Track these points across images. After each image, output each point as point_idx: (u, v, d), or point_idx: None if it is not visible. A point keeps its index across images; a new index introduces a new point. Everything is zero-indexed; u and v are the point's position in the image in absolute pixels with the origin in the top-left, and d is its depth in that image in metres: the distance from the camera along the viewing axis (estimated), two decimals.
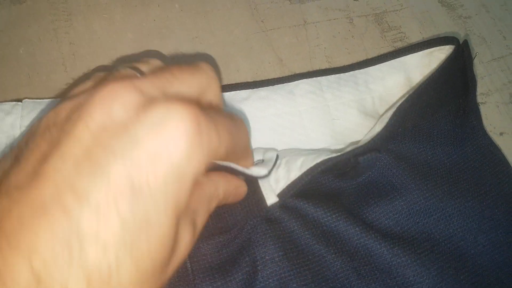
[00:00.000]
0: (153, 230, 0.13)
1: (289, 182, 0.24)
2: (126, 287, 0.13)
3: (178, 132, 0.14)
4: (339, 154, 0.25)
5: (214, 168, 0.19)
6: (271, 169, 0.23)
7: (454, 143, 0.27)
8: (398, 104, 0.26)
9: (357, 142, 0.29)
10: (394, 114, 0.26)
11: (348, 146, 0.28)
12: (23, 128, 0.24)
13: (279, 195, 0.24)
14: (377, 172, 0.26)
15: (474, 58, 0.34)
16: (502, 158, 0.28)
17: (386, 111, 0.29)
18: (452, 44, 0.29)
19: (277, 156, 0.24)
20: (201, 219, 0.18)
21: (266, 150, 0.25)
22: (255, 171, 0.22)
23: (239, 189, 0.22)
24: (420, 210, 0.25)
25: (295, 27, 0.32)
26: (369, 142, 0.25)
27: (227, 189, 0.20)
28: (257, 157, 0.25)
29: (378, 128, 0.26)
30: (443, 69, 0.28)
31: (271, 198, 0.24)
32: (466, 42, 0.29)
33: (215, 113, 0.16)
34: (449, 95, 0.29)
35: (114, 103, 0.14)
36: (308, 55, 0.31)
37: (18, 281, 0.12)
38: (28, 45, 0.28)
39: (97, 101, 0.14)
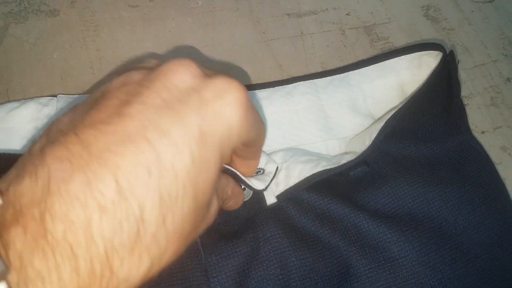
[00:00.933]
0: (209, 171, 0.16)
1: (287, 187, 0.28)
2: (186, 212, 0.16)
3: (237, 100, 0.17)
4: (333, 167, 0.28)
5: (224, 171, 0.22)
6: (269, 184, 0.26)
7: (437, 139, 0.30)
8: (388, 116, 0.29)
9: (348, 138, 0.32)
10: (383, 130, 0.29)
11: (341, 155, 0.31)
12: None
13: (277, 197, 0.27)
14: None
15: (458, 64, 0.37)
16: (482, 151, 0.31)
17: (376, 121, 0.31)
18: (440, 51, 0.32)
19: (277, 169, 0.27)
20: (216, 202, 0.21)
21: (268, 160, 0.28)
22: (255, 183, 0.25)
23: (240, 196, 0.25)
24: (404, 195, 0.27)
25: (293, 37, 0.36)
26: (359, 156, 0.28)
27: (233, 190, 0.24)
28: (259, 164, 0.28)
29: (368, 141, 0.29)
30: (432, 79, 0.31)
31: (270, 199, 0.27)
32: (452, 52, 0.32)
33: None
34: (435, 100, 0.32)
35: (183, 71, 0.17)
36: (305, 62, 0.35)
37: (104, 192, 0.14)
38: (61, 51, 0.33)
39: (169, 68, 0.17)
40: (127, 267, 0.14)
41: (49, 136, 0.16)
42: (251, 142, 0.20)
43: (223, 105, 0.17)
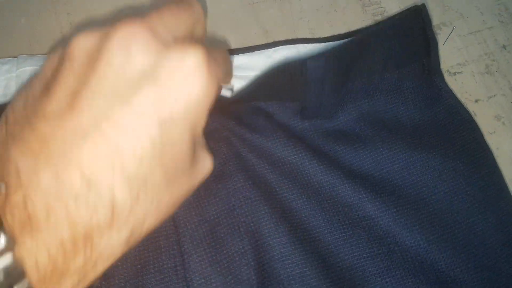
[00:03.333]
0: (176, 147, 0.17)
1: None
2: (159, 186, 0.17)
3: (196, 70, 0.16)
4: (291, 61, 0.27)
5: None
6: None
7: (424, 100, 0.29)
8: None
9: None
10: (349, 42, 0.28)
11: None
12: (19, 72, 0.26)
13: (235, 95, 0.27)
14: (345, 124, 0.28)
15: (452, 32, 0.36)
16: (468, 117, 0.30)
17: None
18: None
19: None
20: (205, 158, 0.21)
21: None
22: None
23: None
24: (383, 159, 0.27)
25: (280, 0, 0.34)
26: (319, 54, 0.27)
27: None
28: None
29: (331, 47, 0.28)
30: (397, 20, 0.29)
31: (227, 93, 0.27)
32: (423, 5, 0.31)
33: (210, 47, 0.18)
34: (411, 52, 0.30)
35: (134, 48, 0.16)
36: (292, 27, 0.33)
37: (73, 183, 0.15)
38: (29, 16, 0.30)
39: (118, 43, 0.16)
40: (107, 239, 0.16)
41: (8, 127, 0.17)
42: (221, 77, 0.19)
43: (181, 82, 0.16)
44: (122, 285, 0.23)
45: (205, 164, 0.20)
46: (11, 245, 0.15)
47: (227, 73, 0.22)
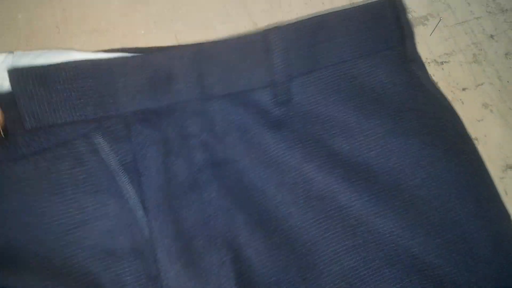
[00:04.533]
0: None
1: None
2: None
3: None
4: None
5: None
6: None
7: (401, 85, 0.29)
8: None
9: None
10: (308, 19, 0.28)
11: None
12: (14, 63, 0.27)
13: None
14: (320, 110, 0.28)
15: (439, 22, 0.36)
16: (447, 105, 0.30)
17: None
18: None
19: None
20: None
21: None
22: None
23: None
24: (360, 146, 0.27)
25: None
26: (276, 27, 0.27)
27: None
28: None
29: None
30: (367, 6, 0.29)
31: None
32: None
33: None
34: (384, 39, 0.29)
35: None
36: (281, 20, 0.34)
37: None
38: (26, 12, 0.31)
39: None
40: None
41: None
42: None
43: None
44: None
45: None
46: None
47: None
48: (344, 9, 0.29)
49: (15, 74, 0.25)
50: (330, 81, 0.28)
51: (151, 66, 0.26)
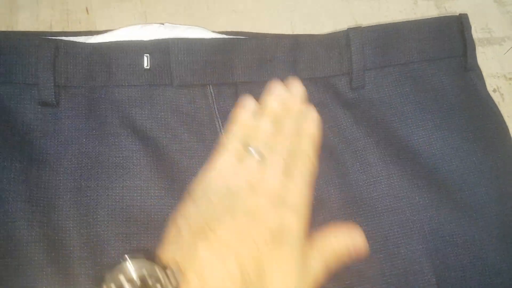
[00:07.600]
0: None
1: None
2: None
3: None
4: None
5: None
6: None
7: (458, 88, 0.35)
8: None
9: None
10: (384, 25, 0.35)
11: None
12: None
13: None
14: (385, 98, 0.34)
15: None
16: (496, 111, 0.35)
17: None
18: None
19: None
20: None
21: None
22: None
23: None
24: (411, 132, 0.33)
25: None
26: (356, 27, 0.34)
27: None
28: None
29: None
30: (434, 19, 0.36)
31: None
32: (465, 14, 0.36)
33: None
34: (448, 49, 0.35)
35: None
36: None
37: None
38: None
39: None
40: None
41: (190, 228, 0.24)
42: None
43: None
44: None
45: None
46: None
47: None
48: (417, 20, 0.36)
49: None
50: (398, 77, 0.35)
51: (261, 49, 0.33)
